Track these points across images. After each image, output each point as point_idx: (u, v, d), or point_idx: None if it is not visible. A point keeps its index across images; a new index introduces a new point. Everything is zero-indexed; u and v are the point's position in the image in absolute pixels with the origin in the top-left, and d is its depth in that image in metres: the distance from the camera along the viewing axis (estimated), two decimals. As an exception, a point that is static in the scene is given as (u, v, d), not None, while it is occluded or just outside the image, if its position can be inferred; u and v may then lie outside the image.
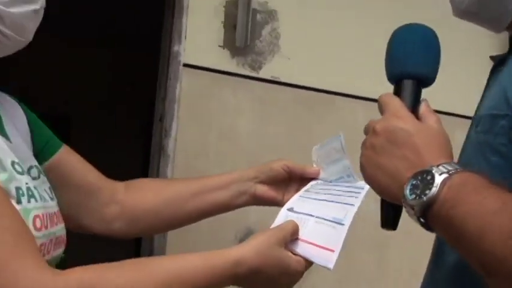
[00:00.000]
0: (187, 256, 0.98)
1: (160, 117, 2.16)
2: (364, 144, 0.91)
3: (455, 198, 0.76)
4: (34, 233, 0.94)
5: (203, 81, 2.14)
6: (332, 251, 1.02)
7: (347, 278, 2.14)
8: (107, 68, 4.64)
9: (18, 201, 0.95)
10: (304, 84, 2.23)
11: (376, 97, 0.97)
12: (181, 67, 2.12)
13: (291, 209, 1.18)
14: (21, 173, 1.01)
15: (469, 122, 1.00)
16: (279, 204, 1.26)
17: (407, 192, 0.80)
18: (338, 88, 2.10)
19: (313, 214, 1.13)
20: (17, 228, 0.90)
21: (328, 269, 1.02)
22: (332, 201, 1.15)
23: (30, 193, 1.01)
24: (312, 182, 1.29)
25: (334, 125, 1.57)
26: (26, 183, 1.00)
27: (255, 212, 1.18)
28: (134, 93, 4.28)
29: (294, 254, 1.06)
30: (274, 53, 2.26)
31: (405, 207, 0.82)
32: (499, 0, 0.99)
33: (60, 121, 1.39)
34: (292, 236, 1.06)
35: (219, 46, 2.19)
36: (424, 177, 0.79)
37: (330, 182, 1.24)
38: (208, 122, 2.15)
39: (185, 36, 2.11)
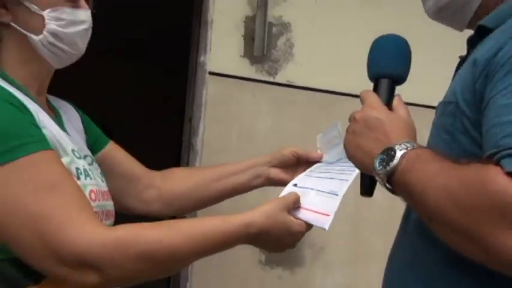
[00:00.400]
0: (210, 217, 1.15)
1: (189, 119, 2.31)
2: (347, 129, 1.08)
3: (410, 168, 0.93)
4: (90, 203, 1.12)
5: (226, 87, 2.29)
6: (328, 215, 1.17)
7: (358, 257, 2.29)
8: (143, 79, 4.89)
9: (78, 178, 1.15)
10: (316, 87, 2.36)
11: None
12: (207, 75, 2.27)
13: (295, 185, 1.35)
14: (79, 158, 1.20)
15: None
16: None
17: (377, 164, 0.97)
18: (346, 89, 2.20)
19: (313, 188, 1.29)
20: (78, 194, 1.08)
21: (324, 229, 1.17)
22: (330, 178, 1.30)
23: (86, 173, 1.20)
24: (316, 164, 1.46)
25: (343, 123, 1.73)
26: (83, 166, 1.20)
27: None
28: (167, 99, 4.52)
29: (296, 218, 1.20)
30: (289, 60, 2.38)
31: (376, 176, 0.98)
32: (460, 4, 1.14)
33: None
34: (294, 204, 1.20)
35: (240, 56, 2.33)
36: (389, 153, 0.96)
37: (331, 163, 1.39)
38: (230, 122, 2.29)
39: (210, 48, 2.26)
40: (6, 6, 1.18)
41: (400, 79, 1.11)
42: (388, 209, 2.14)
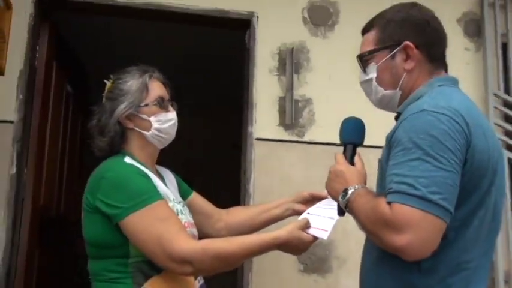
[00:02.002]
0: (255, 234, 1.59)
1: (244, 172, 2.78)
2: (328, 176, 1.43)
3: (355, 200, 1.28)
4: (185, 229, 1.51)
5: (268, 148, 2.75)
6: (326, 230, 1.49)
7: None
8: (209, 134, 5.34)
9: (177, 214, 1.53)
10: (332, 141, 2.66)
11: (381, 145, 1.33)
12: (254, 140, 2.75)
13: (308, 213, 1.64)
14: (177, 203, 1.61)
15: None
16: None
17: (340, 198, 1.33)
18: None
19: (319, 214, 1.59)
20: (179, 223, 1.47)
21: (323, 238, 1.48)
22: (330, 209, 1.57)
23: (181, 212, 1.59)
24: (324, 200, 1.71)
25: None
26: (179, 208, 1.60)
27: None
28: (232, 159, 4.81)
29: (307, 233, 1.49)
30: (312, 125, 2.84)
31: (340, 204, 1.34)
32: (388, 98, 1.41)
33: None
34: (305, 225, 1.51)
35: (276, 125, 2.81)
36: (346, 191, 1.31)
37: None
38: (272, 172, 2.72)
39: (255, 121, 2.78)
40: (130, 118, 1.62)
41: (359, 145, 1.45)
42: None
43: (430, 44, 1.39)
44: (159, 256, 1.43)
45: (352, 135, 1.45)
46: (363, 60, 1.44)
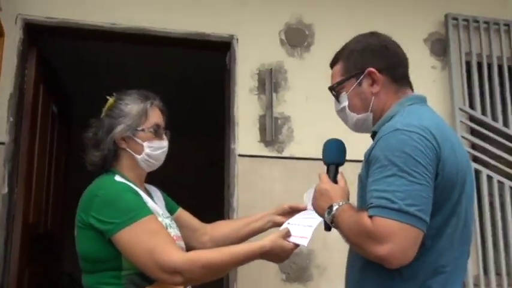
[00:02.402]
0: (241, 244, 1.64)
1: (228, 186, 2.84)
2: (313, 195, 1.49)
3: (340, 215, 1.34)
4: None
5: (250, 163, 2.83)
6: (306, 238, 1.57)
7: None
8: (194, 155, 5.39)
9: (166, 228, 1.57)
10: (310, 157, 2.83)
11: (360, 159, 1.38)
12: (237, 156, 2.82)
13: (288, 223, 1.73)
14: (165, 217, 1.67)
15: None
16: None
17: (326, 214, 1.39)
18: None
19: (299, 224, 1.67)
20: (168, 236, 1.53)
21: (303, 245, 1.56)
22: (309, 218, 1.66)
23: (170, 226, 1.65)
24: (302, 212, 1.80)
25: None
26: (168, 222, 1.65)
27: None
28: (213, 176, 4.83)
29: (288, 241, 1.57)
30: (291, 141, 2.92)
31: (327, 220, 1.39)
32: (362, 121, 1.49)
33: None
34: (286, 234, 1.59)
35: (257, 141, 2.89)
36: (331, 208, 1.37)
37: (311, 210, 1.65)
38: (255, 186, 2.79)
39: (238, 138, 2.85)
40: (125, 139, 1.67)
41: (341, 164, 1.53)
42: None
43: (392, 66, 1.48)
44: (150, 268, 1.48)
45: (334, 156, 1.54)
46: (335, 91, 1.53)
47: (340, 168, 1.53)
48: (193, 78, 4.48)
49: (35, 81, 2.84)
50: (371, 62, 1.46)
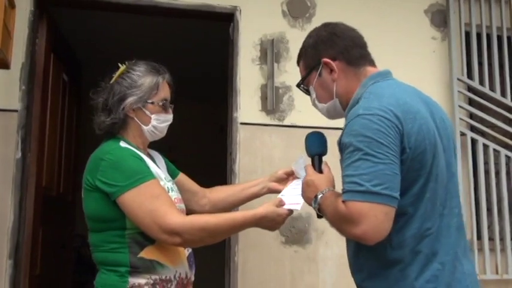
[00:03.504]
0: (237, 211, 1.76)
1: (230, 153, 2.91)
2: (302, 188, 1.55)
3: (323, 203, 1.41)
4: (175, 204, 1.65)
5: (252, 131, 2.88)
6: (299, 203, 1.65)
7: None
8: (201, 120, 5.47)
9: (168, 191, 1.66)
10: (310, 125, 2.64)
11: None
12: (239, 124, 2.88)
13: (282, 195, 1.77)
14: (168, 181, 1.75)
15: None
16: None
17: (313, 203, 1.46)
18: (330, 125, 2.11)
19: (291, 194, 1.74)
20: (169, 199, 1.59)
21: (297, 210, 1.63)
22: (298, 187, 1.65)
23: (172, 189, 1.72)
24: (294, 181, 1.86)
25: (329, 149, 1.68)
26: (170, 185, 1.73)
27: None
28: (219, 138, 4.97)
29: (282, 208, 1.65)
30: (291, 110, 2.96)
31: (314, 208, 1.46)
32: (332, 108, 1.55)
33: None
34: (279, 203, 1.66)
35: (259, 110, 2.93)
36: (317, 196, 1.45)
37: (300, 180, 1.69)
38: (256, 154, 2.85)
39: (240, 107, 2.90)
40: (134, 109, 1.70)
41: (323, 154, 1.61)
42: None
43: (343, 50, 1.53)
44: (151, 229, 1.55)
45: (317, 147, 1.61)
46: (303, 87, 1.62)
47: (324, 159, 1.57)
48: (201, 47, 4.50)
49: (45, 50, 2.89)
50: (324, 52, 1.52)
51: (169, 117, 1.79)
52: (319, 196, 1.44)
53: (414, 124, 1.35)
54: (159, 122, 1.76)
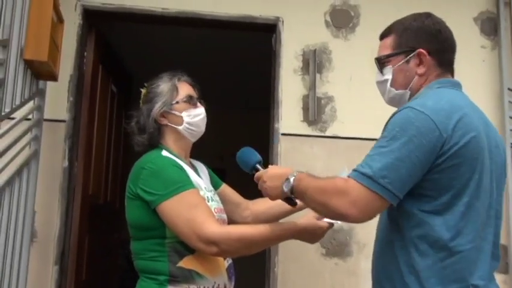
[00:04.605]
0: (276, 223, 1.69)
1: (271, 164, 2.66)
2: (262, 188, 1.58)
3: (300, 182, 1.40)
4: (214, 214, 1.63)
5: (293, 142, 2.86)
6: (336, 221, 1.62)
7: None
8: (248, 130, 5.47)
9: (208, 201, 1.66)
10: (352, 136, 2.86)
11: None
12: (280, 135, 2.87)
13: None
14: (208, 191, 1.74)
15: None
16: None
17: (284, 187, 1.45)
18: (372, 136, 2.06)
19: None
20: (208, 209, 1.59)
21: (337, 223, 1.62)
22: None
23: (212, 199, 1.71)
24: None
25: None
26: (210, 195, 1.72)
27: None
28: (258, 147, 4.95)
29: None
30: (333, 121, 2.93)
31: (286, 193, 1.44)
32: (399, 96, 1.52)
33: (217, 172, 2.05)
34: (319, 216, 1.61)
35: (301, 121, 2.91)
36: (288, 179, 1.44)
37: None
38: (297, 164, 2.75)
39: (281, 118, 2.90)
40: (164, 115, 1.77)
41: (260, 161, 1.68)
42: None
43: (441, 51, 1.49)
44: (189, 238, 1.55)
45: (251, 159, 1.68)
46: (381, 62, 1.55)
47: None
48: (245, 58, 4.52)
49: (93, 62, 2.98)
50: (424, 43, 1.47)
51: (199, 111, 1.81)
52: (292, 178, 1.42)
53: (466, 138, 1.31)
54: (191, 118, 1.78)
